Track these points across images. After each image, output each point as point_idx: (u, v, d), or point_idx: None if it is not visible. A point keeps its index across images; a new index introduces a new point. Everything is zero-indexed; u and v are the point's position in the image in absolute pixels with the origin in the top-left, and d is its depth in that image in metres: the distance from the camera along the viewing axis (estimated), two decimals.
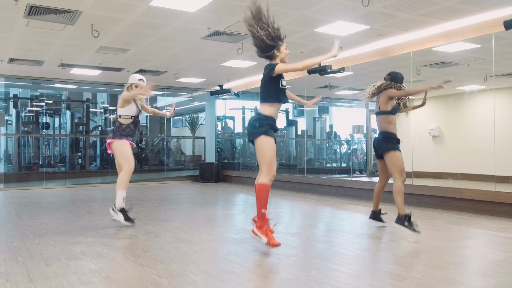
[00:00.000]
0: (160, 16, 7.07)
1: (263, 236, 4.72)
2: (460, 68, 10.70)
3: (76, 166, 15.23)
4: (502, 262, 4.46)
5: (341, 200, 9.48)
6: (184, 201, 9.77)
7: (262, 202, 4.75)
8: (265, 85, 4.99)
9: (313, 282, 3.74)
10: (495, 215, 7.14)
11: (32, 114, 15.55)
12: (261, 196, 4.74)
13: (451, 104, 14.13)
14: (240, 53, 9.18)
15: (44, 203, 9.15)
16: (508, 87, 12.35)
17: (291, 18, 7.15)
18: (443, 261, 4.44)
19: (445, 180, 11.56)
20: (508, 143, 11.08)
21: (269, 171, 4.74)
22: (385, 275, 4.04)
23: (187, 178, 15.36)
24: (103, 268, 4.20)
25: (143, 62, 10.70)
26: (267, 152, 4.78)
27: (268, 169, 4.74)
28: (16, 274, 3.97)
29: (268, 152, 4.78)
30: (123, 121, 6.32)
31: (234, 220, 7.35)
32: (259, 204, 4.75)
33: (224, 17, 7.16)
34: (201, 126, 17.38)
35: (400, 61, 9.71)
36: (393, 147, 5.70)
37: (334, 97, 15.92)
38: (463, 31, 7.48)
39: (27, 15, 6.95)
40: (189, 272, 4.04)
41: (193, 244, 5.24)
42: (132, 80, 6.49)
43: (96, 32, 7.76)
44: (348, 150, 17.58)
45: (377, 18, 7.16)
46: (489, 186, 7.92)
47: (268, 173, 4.73)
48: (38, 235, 5.74)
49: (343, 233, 6.04)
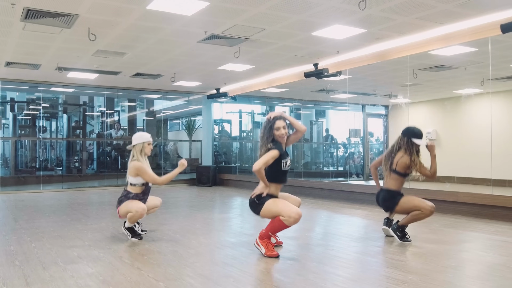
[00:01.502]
0: (156, 19, 7.06)
1: (263, 247, 4.77)
2: (457, 72, 10.73)
3: (73, 170, 15.21)
4: (499, 266, 4.46)
5: (338, 204, 9.49)
6: (181, 204, 9.75)
7: (274, 229, 4.78)
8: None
9: (310, 285, 3.74)
10: (492, 218, 7.15)
11: (29, 118, 15.54)
12: (275, 227, 4.73)
13: (448, 108, 14.17)
14: (237, 56, 9.18)
15: (41, 207, 9.12)
16: (505, 90, 12.39)
17: (288, 22, 7.15)
18: (440, 265, 4.44)
19: (442, 183, 11.57)
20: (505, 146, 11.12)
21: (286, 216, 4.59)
22: (382, 278, 4.04)
23: (184, 182, 15.34)
24: (100, 271, 4.19)
25: (140, 66, 10.70)
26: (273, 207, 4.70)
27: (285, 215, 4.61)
28: (13, 278, 3.96)
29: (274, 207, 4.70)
30: (132, 190, 5.72)
31: (231, 223, 7.34)
32: (271, 229, 4.78)
33: (221, 21, 7.16)
34: (198, 130, 17.39)
35: (397, 65, 9.73)
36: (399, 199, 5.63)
37: (331, 100, 15.94)
38: (460, 34, 7.49)
39: (24, 19, 6.94)
40: (186, 276, 4.03)
41: (190, 247, 5.24)
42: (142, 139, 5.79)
43: (93, 36, 7.75)
44: (345, 153, 17.60)
45: (374, 21, 7.17)
46: (486, 189, 7.94)
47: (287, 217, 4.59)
48: (35, 238, 5.72)
49: (340, 236, 6.04)
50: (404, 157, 5.50)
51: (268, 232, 4.80)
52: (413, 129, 5.60)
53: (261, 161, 4.61)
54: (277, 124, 4.81)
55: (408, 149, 5.50)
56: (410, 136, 5.53)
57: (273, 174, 4.77)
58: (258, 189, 4.83)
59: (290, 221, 4.57)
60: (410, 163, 5.47)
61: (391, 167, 5.60)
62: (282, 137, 4.82)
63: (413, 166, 5.47)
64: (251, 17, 6.94)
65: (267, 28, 7.48)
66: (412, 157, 5.47)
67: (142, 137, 5.79)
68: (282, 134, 4.81)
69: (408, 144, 5.52)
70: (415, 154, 5.50)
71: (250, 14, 6.80)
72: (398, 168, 5.53)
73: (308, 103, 16.19)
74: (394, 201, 5.58)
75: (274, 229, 4.77)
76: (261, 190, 4.79)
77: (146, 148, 5.75)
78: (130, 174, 5.68)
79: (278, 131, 4.79)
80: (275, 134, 4.80)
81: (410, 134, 5.55)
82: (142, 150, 5.73)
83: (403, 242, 5.46)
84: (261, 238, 4.82)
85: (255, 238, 4.94)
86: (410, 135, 5.55)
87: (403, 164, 5.50)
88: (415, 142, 5.50)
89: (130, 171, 5.66)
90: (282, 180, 4.89)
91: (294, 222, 4.59)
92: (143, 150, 5.74)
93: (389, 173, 5.64)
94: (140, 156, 5.70)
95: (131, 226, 5.76)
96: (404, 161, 5.50)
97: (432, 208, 5.42)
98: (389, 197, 5.63)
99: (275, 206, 4.70)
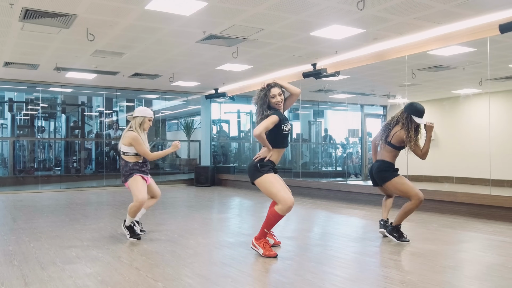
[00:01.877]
0: (155, 19, 7.06)
1: (260, 248, 4.78)
2: (455, 72, 10.74)
3: (71, 170, 15.19)
4: (498, 266, 4.47)
5: (337, 204, 9.49)
6: (179, 204, 9.75)
7: (269, 225, 4.80)
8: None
9: (308, 285, 3.74)
10: (491, 218, 7.16)
11: (27, 118, 15.52)
12: (271, 220, 4.75)
13: (447, 108, 14.17)
14: (235, 56, 9.18)
15: (40, 207, 9.11)
16: (503, 90, 12.40)
17: (286, 22, 7.15)
18: (439, 265, 4.45)
19: (441, 183, 11.58)
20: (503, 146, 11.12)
21: (282, 201, 4.63)
22: (381, 278, 4.04)
23: (182, 182, 15.34)
24: (98, 271, 4.19)
25: (138, 66, 10.69)
26: (270, 184, 4.72)
27: (280, 200, 4.65)
28: (11, 278, 3.96)
29: (270, 185, 4.71)
30: (128, 159, 5.80)
31: (229, 223, 7.34)
32: (266, 225, 4.80)
33: (219, 21, 7.16)
34: (196, 130, 17.38)
35: (395, 65, 9.73)
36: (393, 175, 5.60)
37: (329, 100, 15.94)
38: (458, 34, 7.49)
39: (22, 19, 6.93)
40: (184, 276, 4.03)
41: (188, 247, 5.24)
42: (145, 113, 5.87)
43: (91, 36, 7.75)
44: (344, 153, 17.60)
45: (372, 21, 7.17)
46: (485, 189, 7.94)
47: (282, 204, 4.63)
48: (34, 238, 5.72)
49: (339, 236, 6.04)
50: (401, 132, 5.48)
51: (263, 229, 4.80)
52: (416, 106, 5.52)
53: (262, 126, 4.65)
54: (273, 92, 4.84)
55: (406, 125, 5.47)
56: (411, 113, 5.49)
57: (274, 138, 4.79)
58: (261, 153, 4.85)
59: (284, 210, 4.62)
60: (406, 138, 5.46)
61: (386, 139, 5.61)
62: (279, 104, 4.86)
63: (408, 142, 5.45)
64: (250, 17, 6.94)
65: (265, 28, 7.48)
66: (409, 134, 5.44)
67: (146, 112, 5.89)
68: (278, 101, 4.84)
69: (408, 120, 5.49)
70: (412, 131, 5.46)
71: (249, 14, 6.81)
72: (393, 141, 5.53)
73: (306, 103, 16.19)
74: (388, 173, 5.55)
75: (270, 224, 4.78)
76: (264, 154, 4.81)
77: (146, 123, 5.85)
78: (124, 143, 5.75)
79: (274, 99, 4.83)
80: (271, 102, 4.83)
81: (412, 111, 5.50)
82: (142, 124, 5.83)
83: (401, 242, 5.46)
84: (257, 239, 4.83)
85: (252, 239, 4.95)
86: (412, 111, 5.50)
87: (399, 138, 5.49)
88: (415, 120, 5.47)
89: (125, 140, 5.74)
90: (284, 143, 4.90)
91: (288, 210, 4.64)
92: (143, 124, 5.83)
93: (383, 145, 5.64)
94: (139, 129, 5.79)
95: (131, 224, 5.77)
96: (400, 135, 5.49)
97: (421, 196, 5.40)
98: (385, 168, 5.59)
99: (271, 184, 4.71)
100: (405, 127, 5.47)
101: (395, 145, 5.54)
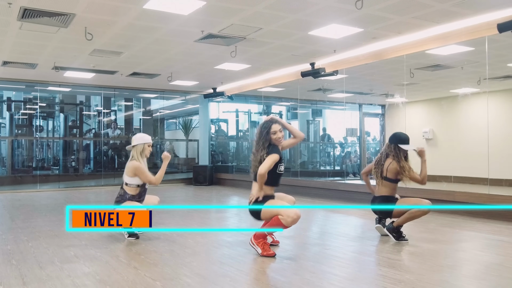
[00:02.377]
0: (153, 19, 7.05)
1: (259, 248, 4.77)
2: (454, 71, 10.75)
3: (69, 169, 15.17)
4: (496, 265, 4.48)
5: (335, 203, 9.49)
6: (178, 204, 9.74)
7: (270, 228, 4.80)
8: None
9: (307, 285, 3.74)
10: (489, 218, 7.16)
11: (25, 117, 15.50)
12: (272, 225, 4.73)
13: (445, 107, 14.18)
14: (233, 56, 9.17)
15: (38, 206, 9.10)
16: (502, 90, 12.42)
17: (284, 21, 7.15)
18: (437, 264, 4.45)
19: (439, 183, 11.58)
20: (501, 146, 11.13)
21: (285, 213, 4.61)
22: (379, 278, 4.04)
23: (180, 181, 15.33)
24: (96, 271, 4.19)
25: (137, 65, 10.68)
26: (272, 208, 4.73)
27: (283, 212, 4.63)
28: (9, 277, 3.95)
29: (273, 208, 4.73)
30: (128, 190, 5.70)
31: (227, 223, 7.34)
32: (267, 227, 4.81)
33: (218, 20, 7.15)
34: (195, 129, 17.36)
35: (394, 64, 9.74)
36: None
37: (328, 100, 15.95)
38: (457, 34, 7.50)
39: (21, 18, 6.92)
40: (182, 275, 4.03)
41: (187, 247, 5.24)
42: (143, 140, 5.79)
43: (89, 35, 7.73)
44: (342, 153, 17.61)
45: (371, 21, 7.17)
46: (483, 189, 7.94)
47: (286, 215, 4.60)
48: (32, 238, 5.71)
49: (337, 236, 6.05)
50: (393, 164, 5.52)
51: (264, 230, 4.81)
52: (399, 135, 5.63)
53: (266, 165, 4.66)
54: (274, 128, 4.87)
55: (396, 156, 5.53)
56: (397, 143, 5.57)
57: (269, 177, 4.76)
58: (253, 194, 4.84)
59: (288, 221, 4.58)
60: (399, 169, 5.49)
61: (381, 175, 5.63)
62: (279, 140, 4.88)
63: (402, 172, 5.48)
64: (248, 17, 6.94)
65: (263, 27, 7.48)
66: (400, 163, 5.49)
67: (143, 138, 5.79)
68: (279, 137, 4.87)
69: (396, 150, 5.55)
70: (403, 160, 5.52)
71: (247, 14, 6.80)
72: (389, 174, 5.56)
73: (304, 102, 16.19)
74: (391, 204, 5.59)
75: (271, 227, 4.77)
76: (257, 194, 4.80)
77: (146, 149, 5.76)
78: (128, 174, 5.66)
79: (275, 135, 4.86)
80: (272, 138, 4.86)
81: (396, 141, 5.59)
82: (143, 151, 5.73)
83: (399, 241, 5.46)
84: (256, 238, 4.83)
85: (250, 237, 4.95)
86: (397, 141, 5.58)
87: (393, 170, 5.52)
88: (402, 148, 5.53)
89: (128, 170, 5.65)
90: (277, 182, 4.94)
91: (292, 222, 4.60)
92: (144, 151, 5.74)
93: (380, 181, 5.67)
94: (140, 157, 5.70)
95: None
96: (393, 167, 5.52)
97: (430, 209, 5.44)
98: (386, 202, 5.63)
99: (273, 203, 4.76)
100: (395, 158, 5.53)
101: (391, 178, 5.57)
